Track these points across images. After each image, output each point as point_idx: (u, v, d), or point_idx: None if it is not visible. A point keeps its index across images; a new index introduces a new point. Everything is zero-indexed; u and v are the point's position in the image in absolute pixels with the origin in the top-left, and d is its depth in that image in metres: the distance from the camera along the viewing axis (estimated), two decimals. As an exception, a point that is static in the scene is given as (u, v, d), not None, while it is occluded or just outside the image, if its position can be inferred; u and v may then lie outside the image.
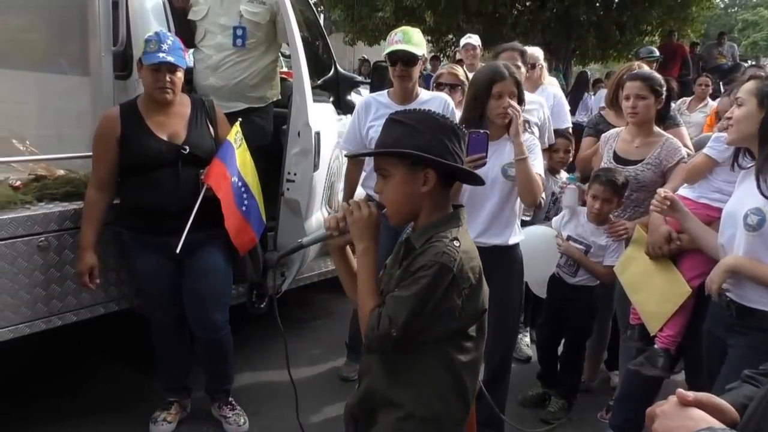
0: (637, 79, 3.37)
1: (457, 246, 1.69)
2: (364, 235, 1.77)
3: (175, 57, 2.91)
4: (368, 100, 3.50)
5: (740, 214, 2.35)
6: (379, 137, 1.80)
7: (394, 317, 1.66)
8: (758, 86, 2.40)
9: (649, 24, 15.56)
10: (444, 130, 1.73)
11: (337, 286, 4.92)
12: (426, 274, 1.65)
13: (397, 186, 1.74)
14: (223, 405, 3.42)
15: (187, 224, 2.89)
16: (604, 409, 3.70)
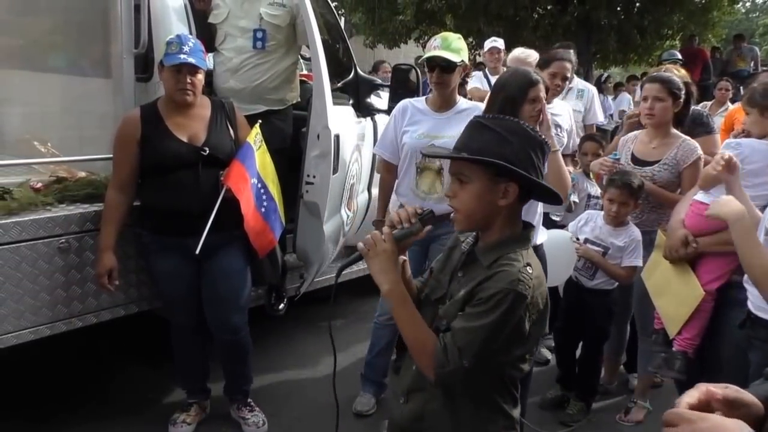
0: (656, 82, 3.40)
1: (531, 273, 1.62)
2: (384, 271, 1.69)
3: (196, 58, 2.92)
4: (405, 105, 3.46)
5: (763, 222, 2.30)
6: (461, 139, 1.70)
7: (465, 348, 1.59)
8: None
9: (669, 28, 15.44)
10: (532, 144, 1.65)
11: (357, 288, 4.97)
12: (501, 304, 1.57)
13: (474, 194, 1.66)
14: (242, 406, 3.42)
15: (207, 225, 2.90)
16: (623, 411, 3.69)
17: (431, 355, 1.63)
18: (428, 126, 3.35)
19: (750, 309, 2.38)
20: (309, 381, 3.99)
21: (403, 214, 1.74)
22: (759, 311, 2.35)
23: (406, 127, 3.40)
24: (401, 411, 1.83)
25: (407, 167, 3.41)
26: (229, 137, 3.11)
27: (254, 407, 3.44)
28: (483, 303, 1.59)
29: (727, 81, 8.12)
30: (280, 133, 3.87)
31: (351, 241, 4.60)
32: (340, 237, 4.14)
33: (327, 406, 3.67)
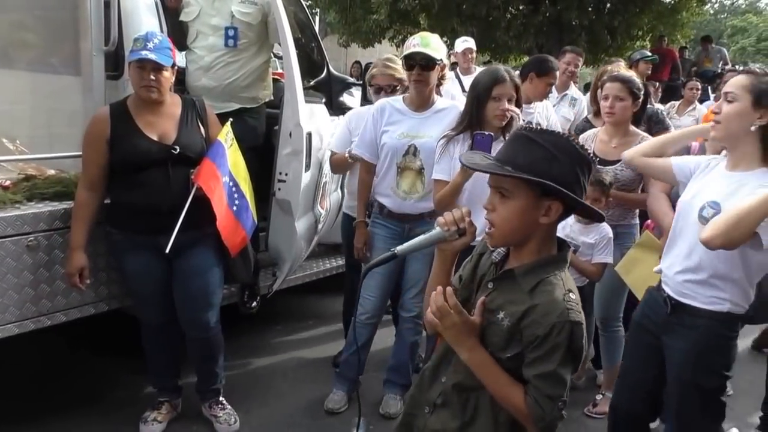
0: (617, 81, 3.46)
1: (574, 298, 1.59)
2: (458, 342, 1.65)
3: (158, 55, 2.87)
4: (383, 105, 3.45)
5: (696, 206, 2.34)
6: (505, 151, 1.63)
7: (554, 395, 1.57)
8: (753, 82, 2.27)
9: (639, 29, 15.64)
10: (581, 163, 1.58)
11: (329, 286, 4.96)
12: (560, 337, 1.54)
13: (516, 210, 1.59)
14: (213, 404, 3.42)
15: (177, 224, 2.89)
16: (591, 404, 3.77)
17: (524, 411, 1.59)
18: (408, 126, 3.37)
19: (670, 295, 2.44)
20: (281, 378, 4.00)
21: (457, 215, 1.67)
22: (682, 297, 2.40)
23: (385, 127, 3.40)
24: (424, 420, 1.80)
25: (387, 167, 3.41)
26: (199, 135, 3.10)
27: (226, 405, 3.43)
28: (542, 344, 1.56)
29: (697, 80, 8.28)
30: (253, 131, 3.87)
31: (323, 239, 4.62)
32: (313, 235, 4.15)
33: (299, 403, 3.70)
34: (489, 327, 1.66)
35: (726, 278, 2.32)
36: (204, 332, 3.22)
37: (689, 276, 2.38)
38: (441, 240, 1.67)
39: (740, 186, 2.26)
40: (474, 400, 1.71)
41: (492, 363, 1.64)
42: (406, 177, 3.38)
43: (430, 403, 1.79)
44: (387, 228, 3.45)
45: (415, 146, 3.33)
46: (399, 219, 3.40)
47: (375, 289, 3.51)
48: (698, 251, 2.32)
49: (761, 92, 2.25)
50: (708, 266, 2.32)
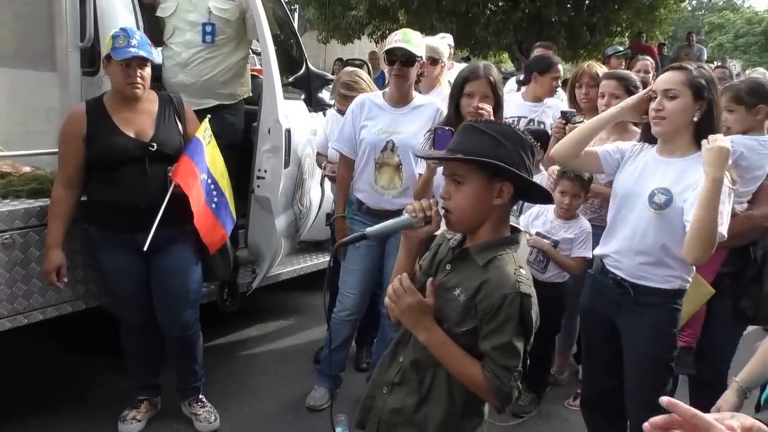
0: (613, 78, 3.48)
1: (524, 273, 1.69)
2: (414, 324, 1.75)
3: (145, 51, 2.88)
4: (363, 100, 3.45)
5: (642, 195, 2.46)
6: (456, 142, 1.75)
7: (510, 366, 1.65)
8: (689, 77, 2.39)
9: (618, 25, 15.79)
10: (524, 146, 1.71)
11: (310, 282, 4.95)
12: (512, 308, 1.64)
13: (470, 194, 1.71)
14: (193, 402, 3.40)
15: (155, 221, 2.86)
16: (572, 397, 3.80)
17: (483, 384, 1.67)
18: (386, 121, 3.36)
19: (623, 277, 2.55)
20: (262, 376, 3.99)
21: (425, 204, 1.76)
22: (637, 279, 2.52)
23: (364, 122, 3.39)
24: (383, 401, 1.88)
25: (365, 162, 3.41)
26: (177, 132, 3.07)
27: (206, 403, 3.42)
28: (495, 315, 1.65)
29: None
30: (231, 127, 3.85)
31: (304, 236, 4.61)
32: (293, 232, 4.15)
33: (278, 401, 3.70)
34: (446, 303, 1.75)
35: (677, 257, 2.44)
36: (183, 331, 3.21)
37: (643, 258, 2.50)
38: (408, 225, 1.77)
39: (683, 172, 2.40)
40: (430, 376, 1.79)
41: (449, 341, 1.72)
42: (384, 173, 3.38)
43: (389, 383, 1.87)
44: (365, 224, 3.45)
45: (393, 142, 3.33)
46: (377, 215, 3.40)
47: (354, 285, 3.51)
48: (651, 235, 2.45)
49: (699, 86, 2.38)
50: (661, 248, 2.46)
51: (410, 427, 1.80)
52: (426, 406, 1.78)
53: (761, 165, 2.88)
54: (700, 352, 3.07)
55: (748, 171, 2.84)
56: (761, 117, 2.88)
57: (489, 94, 2.98)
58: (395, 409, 1.83)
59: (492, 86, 2.99)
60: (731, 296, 2.95)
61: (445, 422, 1.76)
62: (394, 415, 1.83)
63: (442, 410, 1.76)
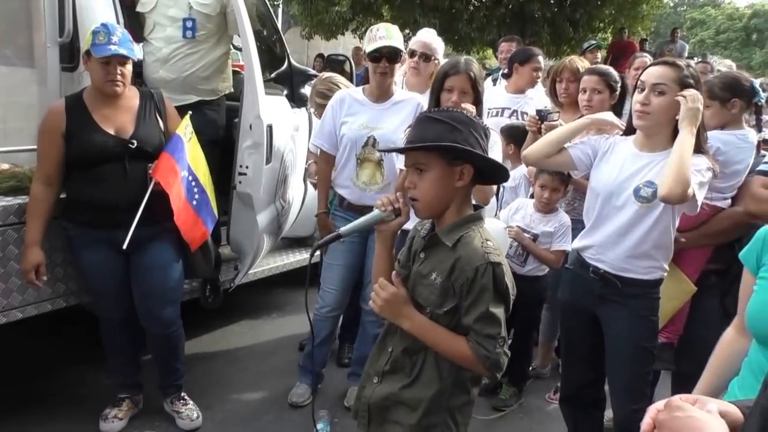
0: (594, 74, 3.49)
1: (491, 244, 1.78)
2: (397, 315, 1.84)
3: (126, 49, 2.85)
4: (342, 96, 3.45)
5: (627, 190, 2.50)
6: (414, 133, 1.83)
7: (493, 333, 1.74)
8: (679, 75, 2.42)
9: (601, 21, 15.90)
10: (476, 128, 1.79)
11: (292, 278, 4.95)
12: (486, 279, 1.72)
13: (434, 180, 1.78)
14: (175, 400, 3.38)
15: (134, 220, 2.84)
16: (552, 390, 3.83)
17: (470, 356, 1.76)
18: (367, 117, 3.36)
19: (607, 270, 2.59)
20: (243, 373, 3.98)
21: (392, 197, 1.85)
22: (622, 272, 2.56)
23: (344, 118, 3.38)
24: (372, 390, 1.95)
25: (347, 158, 3.40)
26: (158, 129, 3.05)
27: (188, 401, 3.40)
28: (471, 288, 1.74)
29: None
30: (213, 123, 3.84)
31: (287, 232, 4.60)
32: (275, 228, 4.14)
33: (260, 398, 3.70)
34: (426, 289, 1.84)
35: (660, 246, 2.53)
36: (163, 328, 3.19)
37: (630, 251, 2.54)
38: (380, 220, 1.84)
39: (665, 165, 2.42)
40: (421, 360, 1.87)
41: (432, 324, 1.82)
42: (365, 168, 3.38)
43: (379, 372, 1.95)
44: (347, 220, 3.44)
45: (374, 137, 3.32)
46: (359, 211, 3.40)
47: (335, 281, 3.51)
48: (640, 228, 2.50)
49: (688, 85, 2.42)
50: (649, 239, 2.50)
51: (401, 405, 1.88)
52: (416, 386, 1.86)
53: (741, 159, 2.88)
54: (682, 348, 3.09)
55: (727, 166, 2.85)
56: (736, 111, 2.89)
57: (468, 89, 2.97)
58: (387, 396, 1.90)
59: (472, 81, 2.97)
60: (717, 293, 2.95)
61: (435, 400, 1.84)
62: (385, 400, 1.91)
63: (432, 389, 1.84)
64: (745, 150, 2.91)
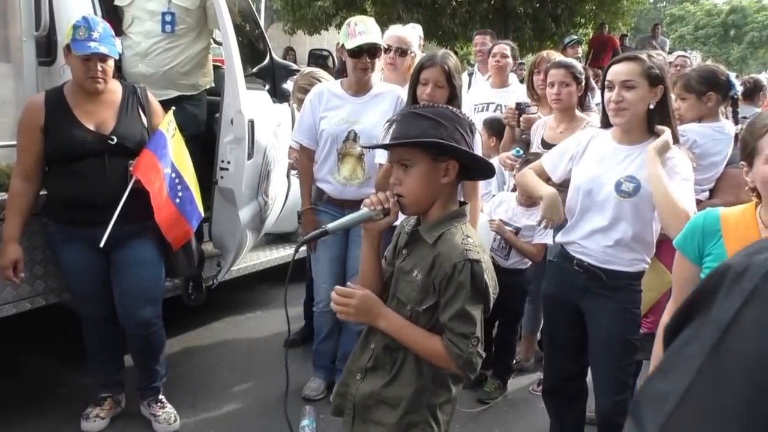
0: (561, 67, 3.52)
1: (472, 241, 1.76)
2: (370, 320, 1.83)
3: (107, 45, 2.79)
4: (321, 90, 3.42)
5: (607, 184, 2.52)
6: (398, 129, 1.80)
7: (467, 332, 1.72)
8: (644, 67, 2.46)
9: (582, 17, 15.98)
10: (462, 124, 1.78)
11: (276, 275, 4.93)
12: (463, 276, 1.70)
13: (419, 176, 1.77)
14: (153, 403, 3.30)
15: (113, 217, 2.78)
16: (536, 383, 3.85)
17: (444, 354, 1.74)
18: (347, 111, 3.34)
19: (591, 263, 2.60)
20: (227, 370, 3.95)
21: (382, 196, 1.81)
22: (606, 264, 2.58)
23: (324, 113, 3.36)
24: (356, 386, 1.93)
25: (327, 153, 3.38)
26: (140, 125, 2.99)
27: (166, 404, 3.32)
28: (447, 285, 1.73)
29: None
30: (194, 119, 3.80)
31: (270, 228, 4.58)
32: (258, 224, 4.11)
33: (245, 395, 3.67)
34: (408, 285, 1.83)
35: (643, 240, 2.57)
36: (142, 328, 3.11)
37: (613, 244, 2.57)
38: (368, 218, 1.81)
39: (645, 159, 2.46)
40: (401, 357, 1.85)
41: (407, 324, 1.81)
42: (346, 163, 3.36)
43: (362, 369, 1.92)
44: (328, 213, 3.43)
45: (354, 132, 3.31)
46: (339, 205, 3.39)
47: (326, 275, 3.50)
48: (622, 221, 2.53)
49: (654, 75, 2.46)
50: (632, 233, 2.54)
51: (382, 404, 1.86)
52: (396, 384, 1.84)
53: (718, 151, 2.93)
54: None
55: (704, 158, 2.89)
56: (712, 104, 2.94)
57: (444, 82, 2.97)
58: (370, 393, 1.88)
59: (447, 74, 2.96)
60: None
61: (416, 397, 1.82)
62: (367, 398, 1.89)
63: (412, 387, 1.83)
64: (722, 142, 2.95)
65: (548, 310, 2.94)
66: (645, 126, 2.52)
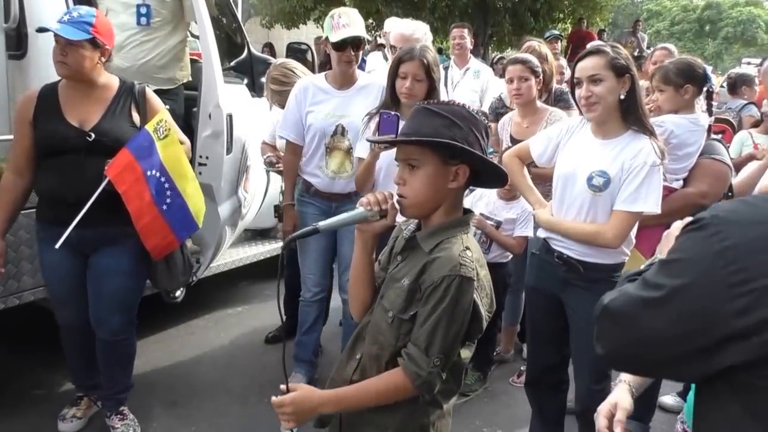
0: (518, 63, 3.58)
1: (470, 255, 1.63)
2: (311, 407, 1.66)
3: (71, 28, 2.63)
4: (306, 85, 3.37)
5: (581, 178, 2.55)
6: (410, 125, 1.69)
7: (430, 347, 1.59)
8: (608, 59, 2.47)
9: (561, 11, 16.07)
10: (478, 126, 1.66)
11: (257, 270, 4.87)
12: (448, 291, 1.57)
13: (426, 178, 1.64)
14: (113, 415, 3.16)
15: (77, 217, 2.65)
16: (516, 374, 3.87)
17: (403, 378, 1.62)
18: (333, 105, 3.31)
19: (570, 255, 2.63)
20: (208, 367, 3.91)
21: (380, 197, 1.68)
22: (585, 256, 2.60)
23: (310, 108, 3.33)
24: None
25: (315, 148, 3.35)
26: (127, 123, 2.83)
27: (127, 416, 3.17)
28: (430, 295, 1.60)
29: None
30: (171, 113, 3.70)
31: (250, 224, 4.53)
32: (237, 220, 4.06)
33: (227, 392, 3.63)
34: (394, 291, 1.70)
35: None
36: (111, 335, 2.98)
37: None
38: (363, 219, 1.68)
39: (618, 153, 2.51)
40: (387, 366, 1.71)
41: (352, 388, 1.70)
42: (334, 157, 3.33)
43: (347, 380, 1.78)
44: (314, 206, 3.41)
45: (342, 126, 3.28)
46: (326, 198, 3.36)
47: (313, 266, 3.49)
48: (592, 214, 2.57)
49: (620, 66, 2.47)
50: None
51: (371, 426, 1.74)
52: (383, 408, 1.70)
53: (693, 141, 2.99)
54: None
55: (680, 148, 2.94)
56: (689, 96, 2.99)
57: (422, 76, 2.96)
58: (355, 412, 1.75)
59: (426, 68, 2.96)
60: None
61: (406, 420, 1.71)
62: (354, 416, 1.77)
63: (401, 411, 1.70)
64: (697, 133, 3.01)
65: (530, 301, 2.96)
66: (619, 117, 2.54)
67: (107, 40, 2.78)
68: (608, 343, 1.16)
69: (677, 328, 1.03)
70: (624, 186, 2.48)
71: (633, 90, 2.50)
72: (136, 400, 3.31)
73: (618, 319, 1.13)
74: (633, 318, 1.09)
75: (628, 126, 2.52)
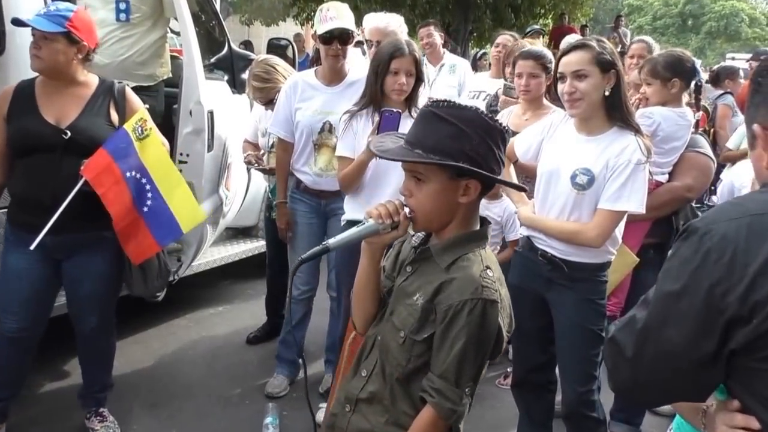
0: (530, 58, 3.46)
1: (492, 275, 1.55)
2: None
3: (43, 22, 2.55)
4: (295, 81, 3.34)
5: (565, 173, 2.52)
6: (414, 132, 1.57)
7: (460, 379, 1.53)
8: (594, 55, 2.44)
9: (542, 7, 16.08)
10: (492, 135, 1.52)
11: (240, 270, 4.84)
12: (471, 316, 1.49)
13: (433, 194, 1.54)
14: (93, 416, 3.09)
15: (51, 220, 2.57)
16: (502, 376, 3.85)
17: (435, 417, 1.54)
18: (321, 102, 3.28)
19: (554, 254, 2.60)
20: (189, 368, 3.87)
21: (391, 207, 1.56)
22: (568, 255, 2.57)
23: (298, 104, 3.30)
24: (345, 420, 1.71)
25: (304, 145, 3.33)
26: (105, 123, 2.76)
27: (106, 417, 3.10)
28: (452, 322, 1.51)
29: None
30: (151, 110, 3.61)
31: (232, 222, 4.49)
32: (219, 218, 4.03)
33: (208, 393, 3.59)
34: (406, 309, 1.60)
35: None
36: (89, 332, 2.91)
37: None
38: (374, 232, 1.58)
39: (602, 150, 2.48)
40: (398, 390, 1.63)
41: None
42: (322, 154, 3.31)
43: (351, 400, 1.70)
44: (305, 203, 3.40)
45: (330, 123, 3.26)
46: (315, 194, 3.35)
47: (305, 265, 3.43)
48: (575, 213, 2.54)
49: (605, 62, 2.44)
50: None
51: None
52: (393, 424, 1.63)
53: (679, 136, 3.00)
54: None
55: (667, 141, 2.96)
56: (676, 90, 3.01)
57: (414, 71, 2.97)
58: (361, 429, 1.67)
59: (416, 63, 2.98)
60: (656, 267, 3.00)
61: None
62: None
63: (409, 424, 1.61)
64: (684, 127, 3.04)
65: (515, 300, 2.90)
66: (604, 114, 2.50)
67: (85, 36, 2.69)
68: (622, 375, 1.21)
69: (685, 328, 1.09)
70: (608, 184, 2.45)
71: (618, 86, 2.46)
72: (116, 401, 3.26)
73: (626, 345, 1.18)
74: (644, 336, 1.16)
75: (613, 122, 2.49)
